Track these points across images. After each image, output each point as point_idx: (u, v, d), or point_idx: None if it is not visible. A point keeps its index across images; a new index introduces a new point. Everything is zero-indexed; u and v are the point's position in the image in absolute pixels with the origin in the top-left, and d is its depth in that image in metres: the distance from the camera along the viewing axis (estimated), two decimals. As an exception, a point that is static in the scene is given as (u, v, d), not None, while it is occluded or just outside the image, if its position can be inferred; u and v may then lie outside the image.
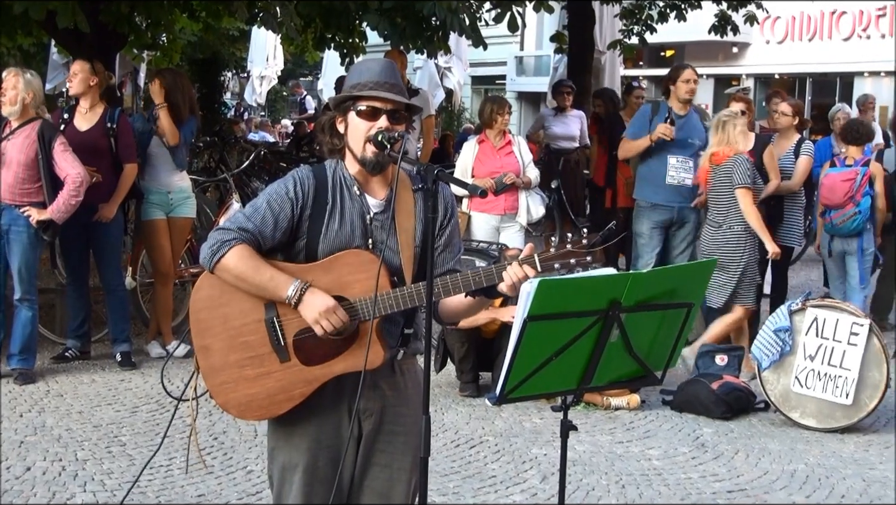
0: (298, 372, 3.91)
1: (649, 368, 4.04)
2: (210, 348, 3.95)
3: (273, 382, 3.92)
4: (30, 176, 8.48)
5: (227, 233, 3.86)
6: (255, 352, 3.92)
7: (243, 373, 3.93)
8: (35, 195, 8.51)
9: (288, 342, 3.90)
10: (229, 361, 3.94)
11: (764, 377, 8.31)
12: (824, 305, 8.36)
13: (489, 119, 10.45)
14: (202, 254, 3.89)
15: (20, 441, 7.28)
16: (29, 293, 8.68)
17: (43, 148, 8.45)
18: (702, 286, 4.11)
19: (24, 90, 8.49)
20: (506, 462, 7.22)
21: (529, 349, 3.71)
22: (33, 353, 8.85)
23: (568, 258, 3.76)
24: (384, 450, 4.05)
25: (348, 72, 4.18)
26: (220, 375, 3.95)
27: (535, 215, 10.55)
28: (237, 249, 3.83)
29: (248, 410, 3.99)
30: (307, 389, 3.92)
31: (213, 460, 7.00)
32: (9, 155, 8.46)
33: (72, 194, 8.47)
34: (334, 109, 4.02)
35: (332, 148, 4.03)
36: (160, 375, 4.54)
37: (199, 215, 11.65)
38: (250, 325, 3.92)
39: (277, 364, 3.92)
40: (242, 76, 35.79)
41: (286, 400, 3.93)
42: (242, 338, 3.92)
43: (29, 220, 8.48)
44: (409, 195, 4.01)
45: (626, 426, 8.11)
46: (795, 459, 7.52)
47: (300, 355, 3.90)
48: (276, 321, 3.90)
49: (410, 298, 3.84)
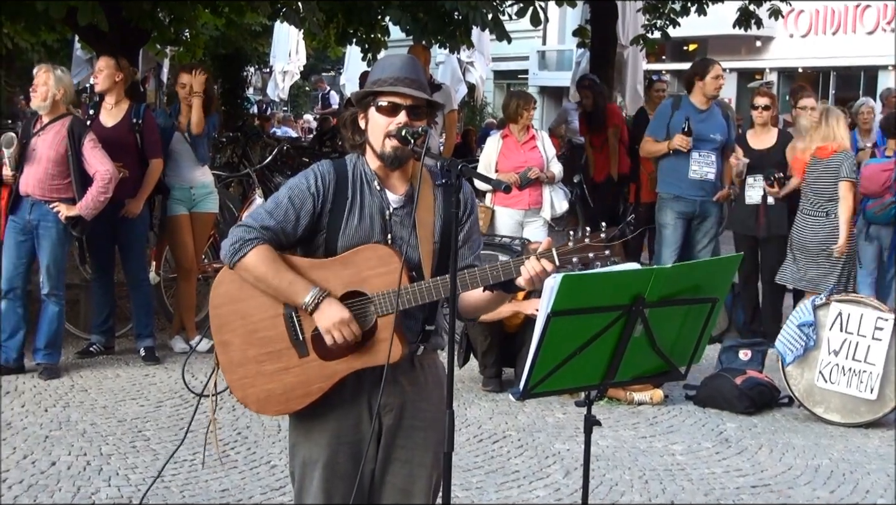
0: (317, 367, 3.91)
1: (673, 363, 4.03)
2: (229, 343, 3.96)
3: (291, 378, 3.92)
4: (59, 172, 8.52)
5: (250, 231, 3.86)
6: (274, 347, 3.92)
7: (262, 368, 3.93)
8: (64, 191, 8.55)
9: (307, 337, 3.91)
10: (248, 356, 3.94)
11: (788, 372, 8.28)
12: (848, 299, 8.32)
13: (515, 114, 10.41)
14: (223, 249, 3.89)
15: (45, 436, 7.31)
16: (57, 288, 8.72)
17: (73, 144, 8.49)
18: (726, 281, 4.10)
19: (54, 86, 8.53)
20: (529, 457, 7.22)
21: (553, 344, 3.70)
22: (59, 348, 8.88)
23: (586, 252, 3.76)
24: (404, 445, 4.05)
25: (371, 68, 4.17)
26: (240, 369, 3.96)
27: (559, 210, 10.53)
28: (258, 250, 3.84)
29: (267, 405, 3.99)
30: (326, 384, 3.92)
31: (236, 455, 7.02)
32: (39, 151, 8.51)
33: (101, 191, 8.51)
34: (356, 105, 4.01)
35: (353, 143, 4.03)
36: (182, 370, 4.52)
37: (222, 210, 11.68)
38: (269, 320, 3.92)
39: (296, 359, 3.92)
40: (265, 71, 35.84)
41: (304, 395, 3.93)
42: (261, 333, 3.93)
43: (58, 216, 8.51)
44: (429, 191, 4.00)
45: (649, 421, 8.10)
46: (819, 454, 7.49)
47: (319, 350, 3.90)
48: (294, 316, 3.90)
49: (429, 292, 3.84)
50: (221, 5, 15.01)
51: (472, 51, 22.46)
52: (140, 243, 9.45)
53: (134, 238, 9.33)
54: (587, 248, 3.76)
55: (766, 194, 10.17)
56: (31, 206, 8.56)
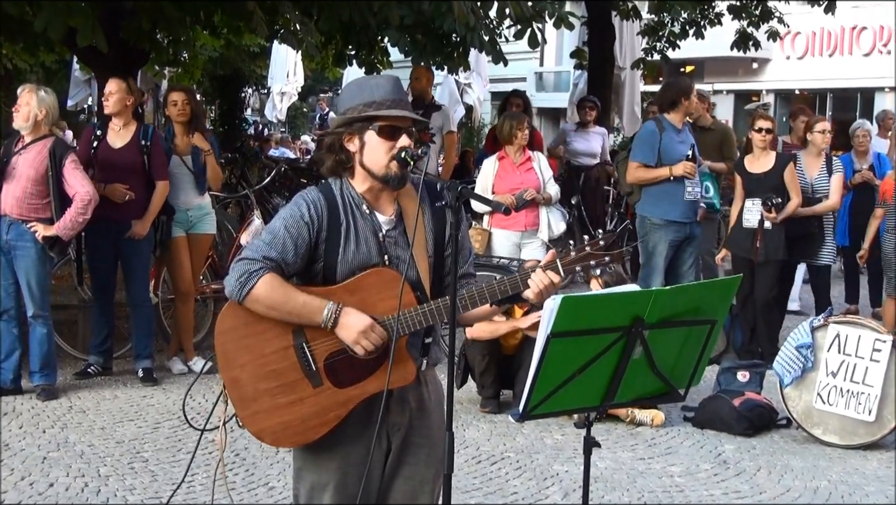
0: (332, 395, 3.91)
1: (672, 385, 4.04)
2: (239, 379, 3.94)
3: (307, 408, 3.92)
4: (38, 191, 8.48)
5: (253, 263, 3.85)
6: (286, 379, 3.92)
7: (276, 401, 3.92)
8: (42, 211, 8.51)
9: (319, 367, 3.91)
10: (260, 390, 3.93)
11: (786, 394, 8.28)
12: (846, 321, 8.32)
13: (509, 136, 10.42)
14: (228, 286, 3.87)
15: (43, 457, 7.30)
16: (41, 309, 8.66)
17: (54, 165, 8.45)
18: (725, 303, 4.11)
19: (37, 107, 8.50)
20: (527, 479, 7.21)
21: (553, 366, 3.71)
22: (54, 368, 8.87)
23: (588, 260, 3.82)
24: (408, 462, 4.08)
25: (347, 89, 4.13)
26: (253, 404, 3.94)
27: (557, 231, 10.53)
28: (266, 279, 3.83)
29: (283, 438, 3.99)
30: (342, 411, 3.93)
31: (234, 477, 7.00)
32: (19, 169, 8.47)
33: (79, 212, 8.49)
34: (343, 127, 3.99)
35: (337, 166, 4.02)
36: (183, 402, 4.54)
37: (221, 231, 11.68)
38: (279, 353, 3.92)
39: (310, 389, 3.92)
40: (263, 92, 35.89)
41: (321, 424, 3.93)
42: (271, 366, 3.92)
43: (35, 236, 8.47)
44: (415, 207, 4.00)
45: (647, 442, 8.09)
46: (818, 476, 7.49)
47: (332, 378, 3.91)
48: (305, 347, 3.90)
49: (438, 314, 3.86)
50: (220, 26, 15.05)
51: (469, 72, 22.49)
52: (144, 264, 9.44)
53: (138, 259, 9.33)
54: (588, 256, 3.82)
55: (763, 218, 10.14)
56: (7, 225, 8.51)
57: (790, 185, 10.28)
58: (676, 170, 9.98)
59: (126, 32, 11.53)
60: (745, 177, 10.38)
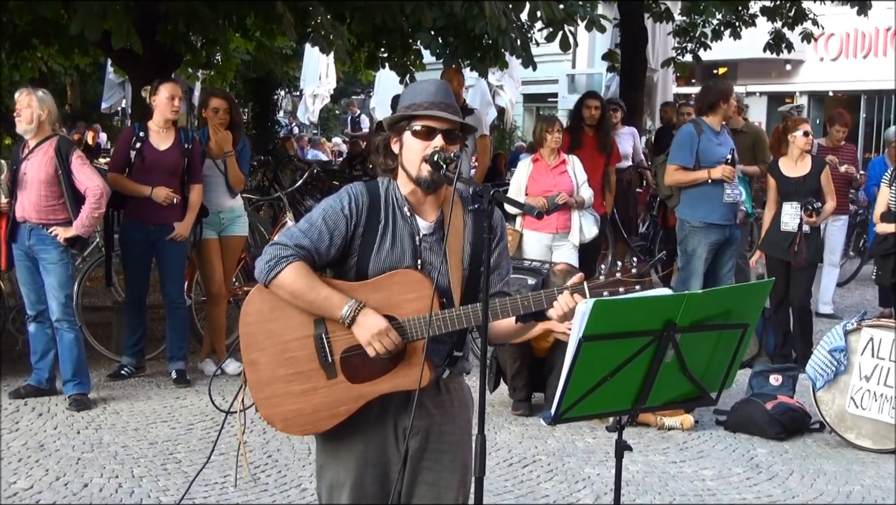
0: (345, 389, 3.93)
1: (704, 388, 4.03)
2: (258, 362, 3.98)
3: (319, 398, 3.94)
4: (52, 193, 8.48)
5: (285, 249, 3.87)
6: (303, 367, 3.94)
7: (290, 388, 3.95)
8: (60, 212, 8.51)
9: (335, 359, 3.92)
10: (276, 376, 3.96)
11: (819, 397, 8.25)
12: (880, 324, 8.28)
13: (540, 138, 10.50)
14: (258, 268, 3.90)
15: (77, 458, 7.36)
16: (67, 314, 8.61)
17: (62, 163, 8.45)
18: (757, 307, 4.09)
19: (38, 107, 8.46)
20: (559, 482, 7.21)
21: (584, 369, 3.71)
22: (86, 375, 8.79)
23: (617, 287, 3.78)
24: (430, 468, 4.07)
25: (402, 92, 4.20)
26: (267, 388, 3.97)
27: (588, 235, 10.55)
28: (294, 266, 3.85)
29: (293, 425, 4.01)
30: (352, 406, 3.94)
31: (266, 477, 7.04)
32: (30, 175, 8.47)
33: (94, 207, 8.50)
34: (389, 130, 4.03)
35: (385, 168, 4.05)
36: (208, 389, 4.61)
37: (253, 234, 11.74)
38: (299, 340, 3.94)
39: (324, 380, 3.93)
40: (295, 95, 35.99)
41: (331, 417, 3.95)
42: (290, 353, 3.95)
43: (56, 240, 8.49)
44: (459, 217, 4.02)
45: (679, 446, 8.08)
46: (851, 480, 7.46)
47: (347, 372, 3.92)
48: (324, 338, 3.92)
49: (459, 320, 3.86)
50: (252, 29, 15.12)
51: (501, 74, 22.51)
52: (181, 266, 9.47)
53: (176, 260, 9.37)
54: (618, 282, 3.79)
55: (802, 222, 10.07)
56: (28, 231, 8.53)
57: (826, 189, 10.25)
58: (715, 173, 9.91)
59: (160, 35, 11.62)
60: (780, 180, 10.31)
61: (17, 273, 8.80)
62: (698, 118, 10.35)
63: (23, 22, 12.77)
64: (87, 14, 9.51)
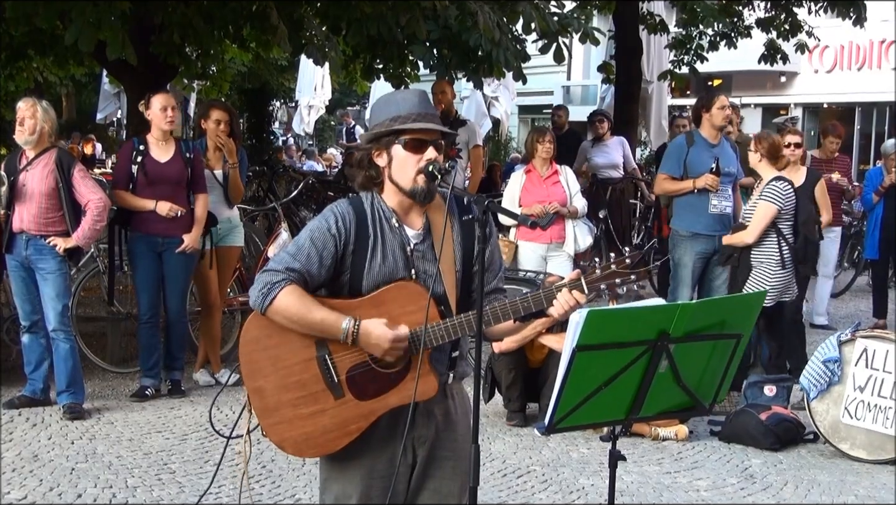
0: (354, 407, 3.93)
1: (698, 399, 4.04)
2: (263, 389, 3.97)
3: (328, 419, 3.94)
4: (52, 205, 8.48)
5: (276, 274, 3.88)
6: (309, 390, 3.94)
7: (298, 411, 3.95)
8: (58, 224, 8.50)
9: (341, 379, 3.93)
10: (283, 401, 3.95)
11: (813, 408, 8.26)
12: (874, 335, 8.30)
13: (531, 149, 10.58)
14: (252, 297, 3.91)
15: (71, 468, 7.35)
16: (63, 325, 8.59)
17: (63, 176, 8.45)
18: (751, 317, 4.10)
19: (42, 119, 8.45)
20: (553, 492, 7.21)
21: (578, 379, 3.72)
22: (80, 385, 8.77)
23: (612, 278, 3.83)
24: (434, 476, 4.09)
25: (375, 105, 4.18)
26: (275, 414, 3.97)
27: (583, 245, 10.57)
28: (287, 291, 3.86)
29: (305, 448, 4.02)
30: (363, 423, 3.94)
31: (261, 489, 7.03)
32: (30, 186, 8.45)
33: (96, 219, 8.51)
34: (372, 143, 4.02)
35: (367, 181, 4.06)
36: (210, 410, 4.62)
37: (248, 244, 11.74)
38: (302, 364, 3.94)
39: (332, 401, 3.94)
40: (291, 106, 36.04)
41: (342, 436, 3.95)
42: (294, 377, 3.95)
43: (55, 250, 8.48)
44: (443, 221, 4.02)
45: (673, 457, 8.08)
46: (845, 491, 7.46)
47: (354, 391, 3.93)
48: (328, 358, 3.93)
49: (461, 328, 3.88)
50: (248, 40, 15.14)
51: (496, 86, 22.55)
52: (186, 280, 9.40)
53: (181, 274, 9.28)
54: (614, 274, 3.82)
55: None
56: (26, 242, 8.51)
57: (820, 202, 10.26)
58: (699, 182, 10.02)
59: (155, 46, 11.62)
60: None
61: (12, 284, 8.78)
62: (693, 130, 10.54)
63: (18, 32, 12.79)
64: (82, 25, 9.51)
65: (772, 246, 9.22)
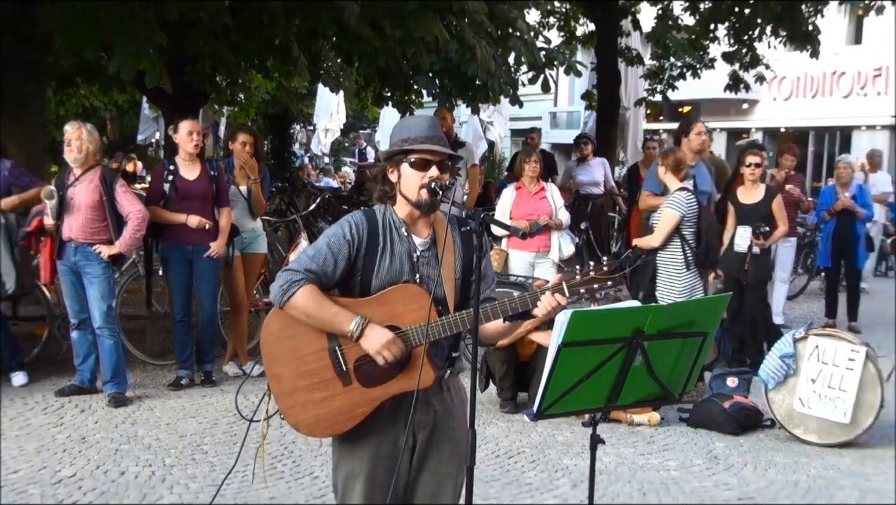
0: (360, 393, 3.95)
1: (669, 389, 4.06)
2: (280, 376, 3.99)
3: (338, 403, 3.95)
4: (97, 216, 8.52)
5: (296, 274, 3.90)
6: (321, 377, 3.96)
7: (311, 396, 3.96)
8: (103, 233, 8.54)
9: (349, 368, 3.94)
10: (298, 387, 3.97)
11: (770, 398, 8.27)
12: (825, 333, 8.32)
13: (519, 168, 10.62)
14: (273, 292, 3.93)
15: (115, 449, 7.38)
16: (108, 322, 8.62)
17: (107, 191, 8.50)
18: (716, 318, 4.12)
19: (87, 140, 8.52)
20: (540, 471, 7.23)
21: (563, 372, 3.74)
22: (123, 376, 8.81)
23: (592, 283, 3.84)
24: (433, 458, 4.10)
25: (393, 128, 4.24)
26: (291, 398, 3.99)
27: (566, 253, 10.60)
28: (305, 289, 3.88)
29: (317, 429, 4.02)
30: (368, 408, 3.96)
31: (283, 467, 7.05)
32: (77, 199, 8.50)
33: (136, 229, 8.55)
34: (385, 161, 4.08)
35: (382, 195, 4.10)
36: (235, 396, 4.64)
37: (272, 251, 11.75)
38: (316, 354, 3.96)
39: (341, 387, 3.95)
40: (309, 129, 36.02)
41: (349, 418, 3.97)
42: (309, 365, 3.96)
43: (100, 256, 8.51)
44: (449, 234, 4.07)
45: (646, 440, 8.10)
46: (798, 470, 7.48)
47: (361, 379, 3.94)
48: (338, 349, 3.94)
49: (455, 325, 3.90)
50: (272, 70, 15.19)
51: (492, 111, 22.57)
52: (216, 283, 9.38)
53: (211, 278, 9.27)
54: (593, 280, 3.84)
55: (752, 244, 10.13)
56: (74, 249, 8.54)
57: (777, 215, 10.28)
58: None
59: (189, 76, 11.66)
60: (736, 206, 10.37)
61: (63, 286, 8.81)
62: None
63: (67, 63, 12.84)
64: (124, 56, 9.54)
65: (676, 250, 9.21)
